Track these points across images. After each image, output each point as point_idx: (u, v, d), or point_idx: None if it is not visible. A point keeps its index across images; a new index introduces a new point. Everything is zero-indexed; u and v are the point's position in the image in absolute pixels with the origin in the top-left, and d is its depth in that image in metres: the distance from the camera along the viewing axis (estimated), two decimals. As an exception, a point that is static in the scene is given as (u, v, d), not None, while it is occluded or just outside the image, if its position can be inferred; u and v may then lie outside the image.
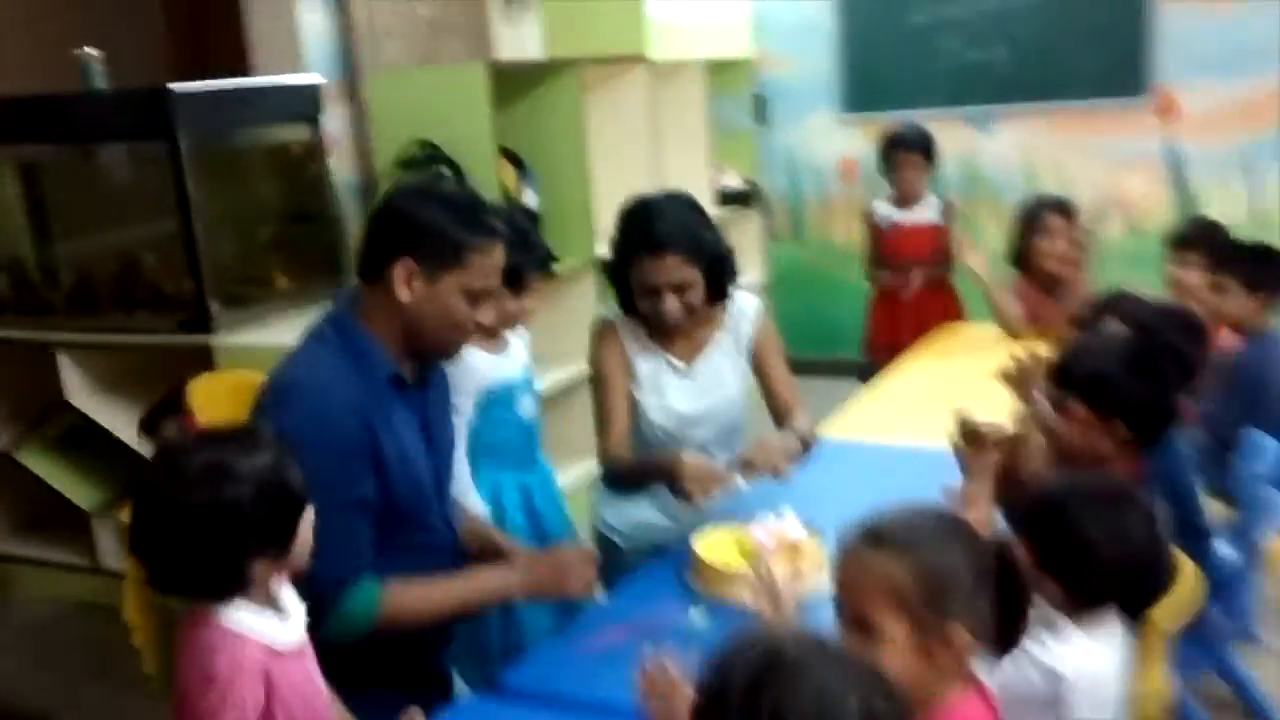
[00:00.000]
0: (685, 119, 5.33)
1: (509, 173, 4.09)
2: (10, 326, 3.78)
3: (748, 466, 2.25)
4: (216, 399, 3.42)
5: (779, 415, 2.53)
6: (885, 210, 4.22)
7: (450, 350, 1.96)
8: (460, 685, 2.31)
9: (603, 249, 4.37)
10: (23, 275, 3.85)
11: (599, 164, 4.46)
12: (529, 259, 2.36)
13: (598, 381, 2.46)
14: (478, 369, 2.39)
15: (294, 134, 3.77)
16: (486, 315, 1.97)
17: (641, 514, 2.49)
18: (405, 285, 1.81)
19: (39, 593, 4.00)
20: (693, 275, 2.33)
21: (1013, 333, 3.65)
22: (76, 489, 3.83)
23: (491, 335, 2.43)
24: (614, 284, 2.44)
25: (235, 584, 1.44)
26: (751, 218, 5.94)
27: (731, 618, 1.95)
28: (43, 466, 3.85)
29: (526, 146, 4.24)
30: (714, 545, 2.14)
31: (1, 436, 3.90)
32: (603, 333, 2.48)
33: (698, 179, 5.30)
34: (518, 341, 2.55)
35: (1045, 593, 1.63)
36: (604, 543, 2.52)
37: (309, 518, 1.52)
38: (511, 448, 2.48)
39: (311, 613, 1.63)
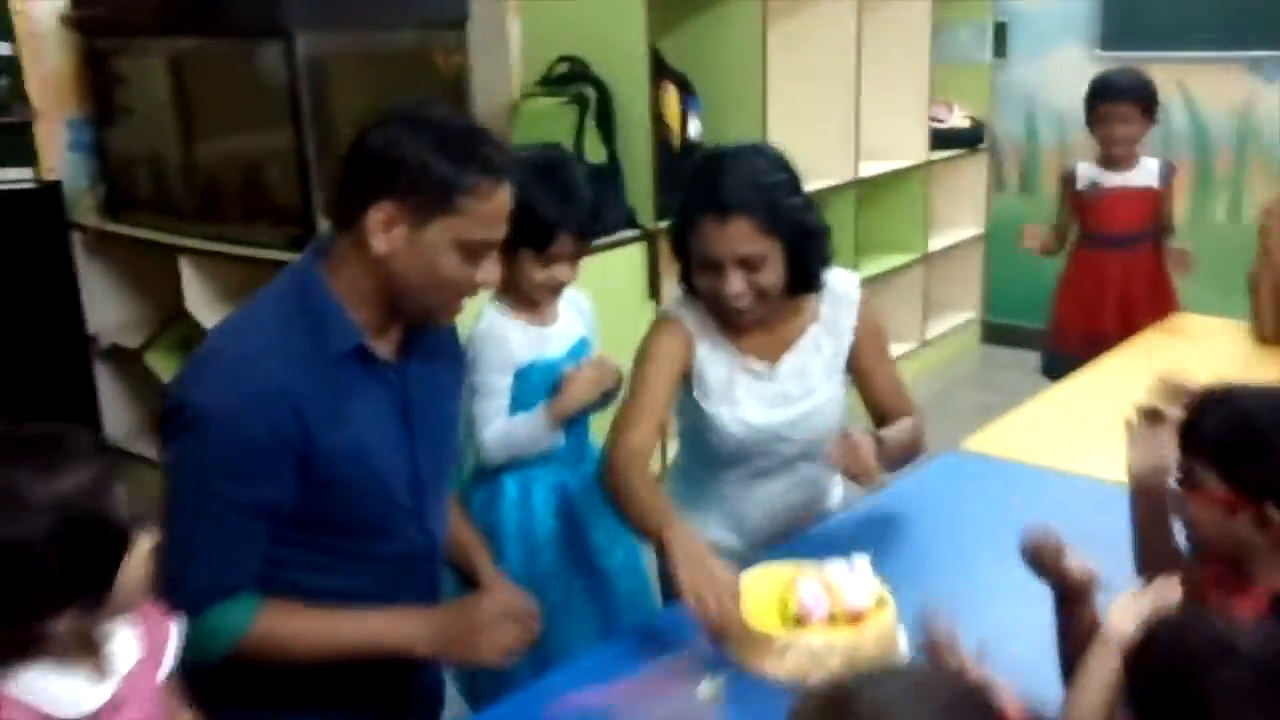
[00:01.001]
0: (900, 48, 4.70)
1: (670, 98, 3.63)
2: (145, 226, 3.68)
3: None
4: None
5: (879, 424, 2.03)
6: (1089, 172, 3.46)
7: (441, 314, 1.57)
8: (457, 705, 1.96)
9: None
10: (161, 174, 3.73)
11: (784, 95, 3.94)
12: (565, 219, 1.94)
13: (634, 375, 1.98)
14: (509, 341, 2.01)
15: (433, 40, 3.42)
16: (487, 273, 1.53)
17: (709, 530, 2.03)
18: (383, 233, 1.44)
19: (155, 492, 3.93)
20: (765, 248, 1.83)
21: (1265, 337, 2.94)
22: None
23: (530, 305, 2.04)
24: (678, 257, 1.97)
25: (19, 650, 1.10)
26: (975, 163, 5.24)
27: (755, 698, 1.50)
28: (166, 370, 3.76)
29: (698, 71, 3.77)
30: (755, 592, 1.67)
31: (133, 336, 3.84)
32: (659, 324, 2.01)
33: (910, 117, 4.69)
34: (571, 313, 2.13)
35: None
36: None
37: (141, 549, 1.16)
38: (551, 448, 2.06)
39: None
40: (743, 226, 1.81)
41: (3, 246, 3.57)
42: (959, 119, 5.07)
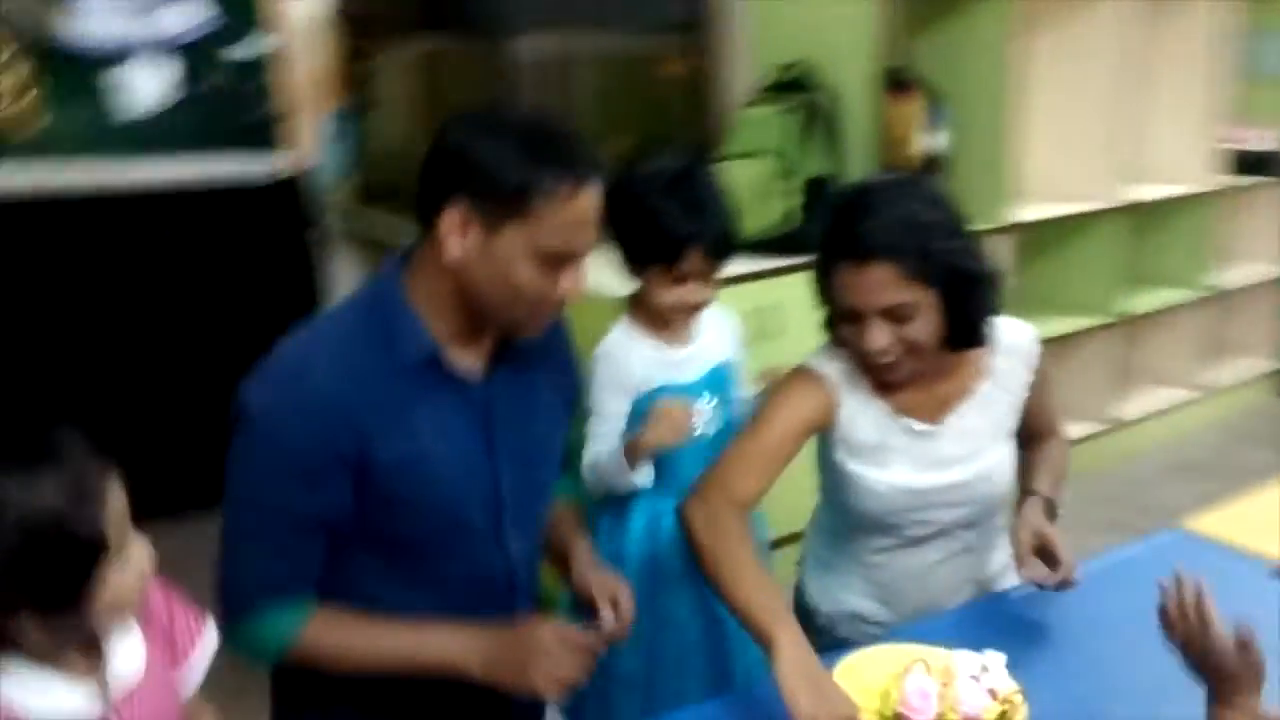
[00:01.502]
0: (1190, 59, 4.19)
1: (911, 107, 3.38)
2: (393, 214, 3.80)
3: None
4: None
5: (1027, 439, 1.83)
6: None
7: (524, 326, 1.44)
8: None
9: (1023, 212, 3.61)
10: (408, 166, 3.82)
11: (1046, 108, 3.60)
12: (695, 234, 1.79)
13: (759, 415, 1.73)
14: (631, 363, 1.89)
15: (667, 43, 3.33)
16: (571, 284, 1.39)
17: (849, 598, 1.84)
18: (456, 236, 1.35)
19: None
20: (913, 298, 1.58)
21: None
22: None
23: (661, 324, 1.91)
24: (822, 302, 1.71)
25: None
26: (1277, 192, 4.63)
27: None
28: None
29: (950, 80, 3.49)
30: (861, 676, 1.47)
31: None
32: (796, 376, 1.75)
33: (1194, 137, 4.18)
34: (714, 335, 1.98)
35: None
36: (805, 615, 1.90)
37: (136, 559, 1.12)
38: (678, 470, 1.92)
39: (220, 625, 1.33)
40: (885, 273, 1.56)
41: (260, 231, 3.79)
42: (1267, 141, 4.48)
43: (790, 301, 2.96)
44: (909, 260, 1.56)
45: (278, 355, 1.40)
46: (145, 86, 3.60)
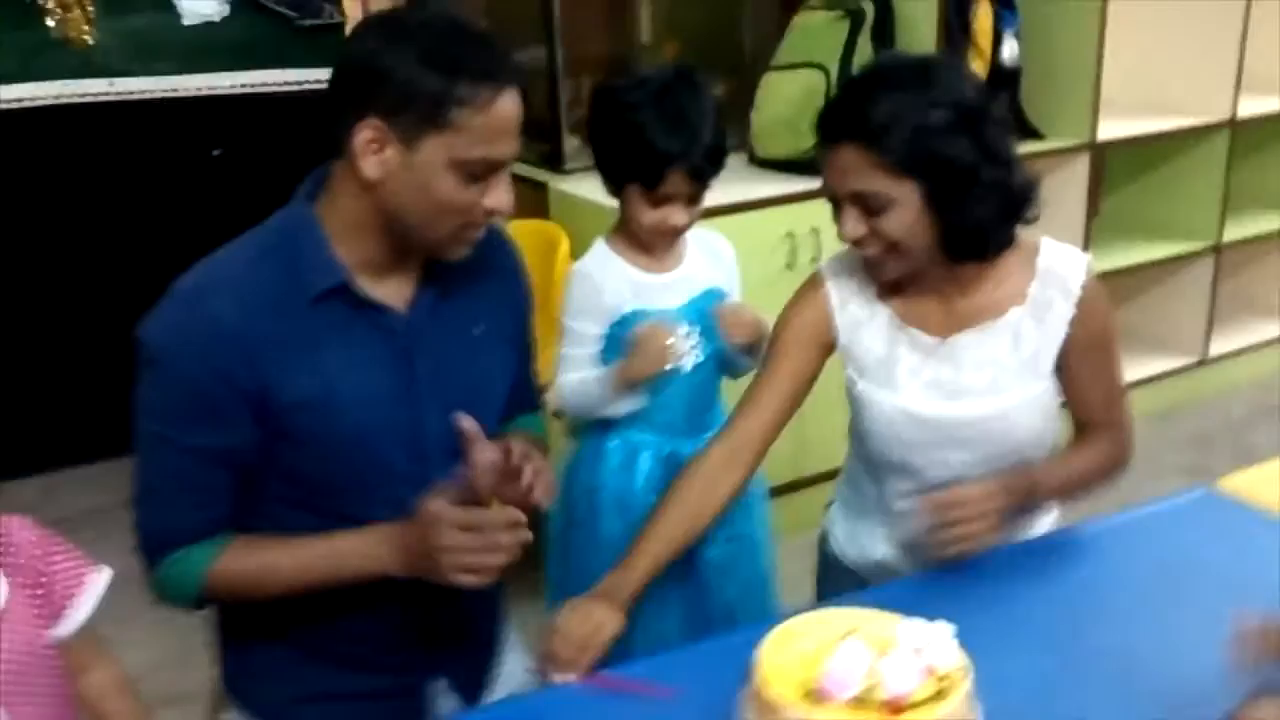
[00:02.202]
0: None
1: (982, 13, 3.13)
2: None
3: None
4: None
5: (1076, 426, 1.67)
6: None
7: (449, 246, 1.36)
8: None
9: (1107, 130, 3.34)
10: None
11: (1135, 13, 3.29)
12: (676, 154, 1.69)
13: (769, 345, 1.68)
14: (605, 285, 1.81)
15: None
16: (497, 198, 1.32)
17: (875, 546, 1.74)
18: (373, 155, 1.27)
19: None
20: (884, 188, 1.46)
21: None
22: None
23: (643, 246, 1.81)
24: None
25: None
26: None
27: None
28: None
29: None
30: (796, 645, 1.37)
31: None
32: (803, 287, 1.69)
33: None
34: (702, 259, 1.87)
35: None
36: (829, 562, 1.82)
37: None
38: (657, 404, 1.83)
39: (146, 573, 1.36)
40: (850, 157, 1.47)
41: (312, 148, 3.77)
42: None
43: (828, 227, 2.78)
44: (877, 146, 1.45)
45: (176, 286, 1.34)
46: (203, -3, 3.58)
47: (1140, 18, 3.50)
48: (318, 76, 3.73)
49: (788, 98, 2.91)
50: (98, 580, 1.29)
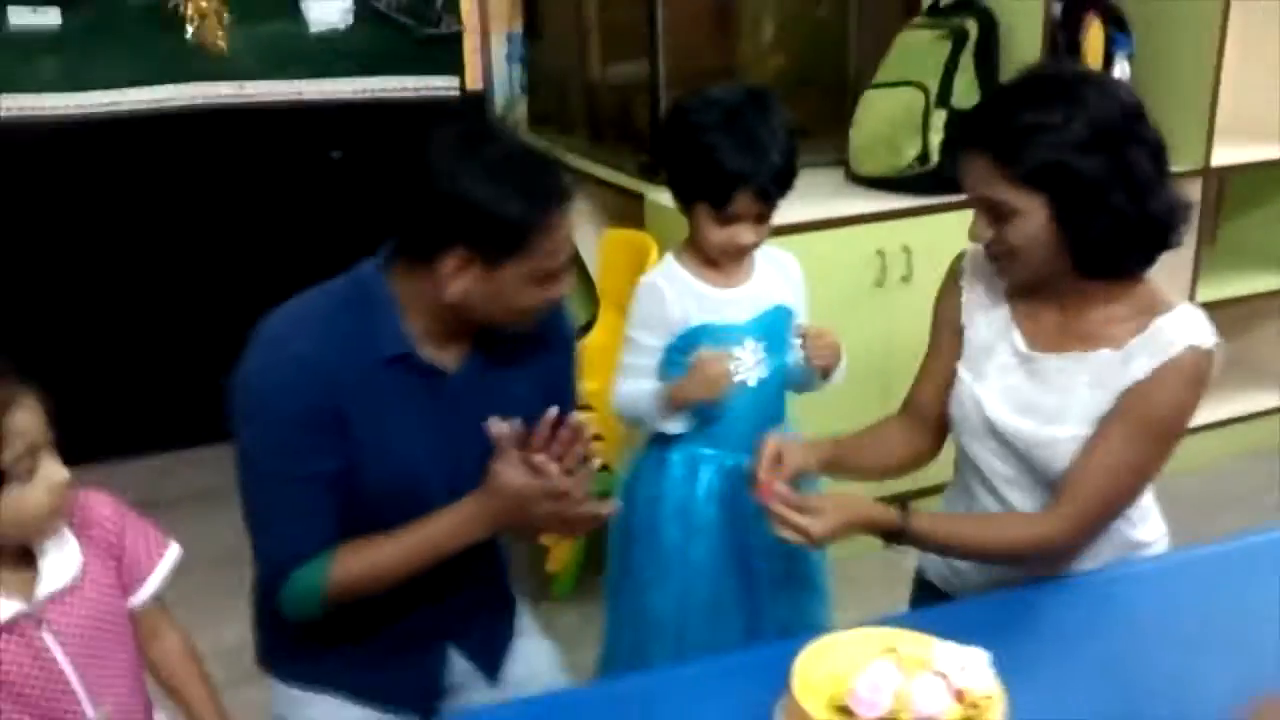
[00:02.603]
0: None
1: (1093, 35, 3.08)
2: (547, 139, 3.83)
3: None
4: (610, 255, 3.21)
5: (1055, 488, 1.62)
6: None
7: (518, 326, 1.53)
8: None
9: (1221, 156, 3.24)
10: (565, 93, 3.84)
11: (1245, 42, 3.20)
12: (745, 175, 1.72)
13: None
14: (670, 299, 1.83)
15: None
16: (560, 289, 1.50)
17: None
18: (458, 278, 1.43)
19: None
20: (1010, 198, 1.52)
21: None
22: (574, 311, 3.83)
23: (710, 262, 1.84)
24: None
25: None
26: None
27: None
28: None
29: (1141, 3, 3.17)
30: (831, 661, 1.39)
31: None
32: (948, 271, 1.79)
33: None
34: (772, 276, 1.89)
35: None
36: (919, 580, 1.86)
37: (44, 480, 1.22)
38: (721, 417, 1.86)
39: (265, 594, 1.53)
40: (980, 165, 1.54)
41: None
42: None
43: (920, 247, 2.79)
44: (1005, 158, 1.51)
45: (260, 333, 1.49)
46: (330, 5, 3.74)
47: (1261, 40, 3.39)
48: (434, 84, 3.88)
49: (886, 115, 2.90)
50: (170, 554, 1.40)
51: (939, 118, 2.83)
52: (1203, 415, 3.46)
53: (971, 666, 1.35)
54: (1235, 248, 3.78)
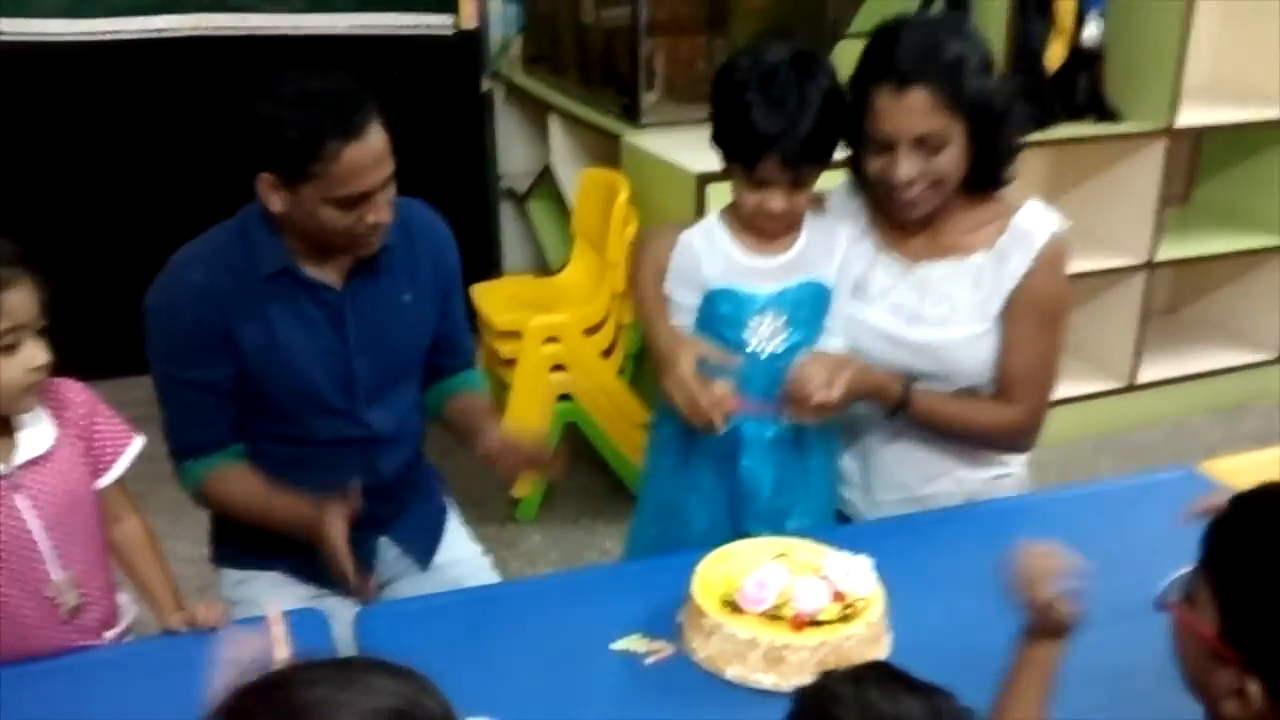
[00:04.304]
0: None
1: (1065, -5, 3.13)
2: (537, 80, 3.91)
3: None
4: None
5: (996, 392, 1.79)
6: None
7: (353, 250, 1.69)
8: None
9: (1188, 117, 3.30)
10: (556, 35, 3.91)
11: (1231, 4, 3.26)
12: (771, 140, 1.64)
13: None
14: (702, 258, 1.76)
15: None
16: (377, 214, 1.63)
17: (845, 491, 1.91)
18: (273, 196, 1.62)
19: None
20: (946, 126, 1.64)
21: None
22: (553, 243, 3.93)
23: (759, 228, 1.75)
24: (849, 141, 1.74)
25: None
26: None
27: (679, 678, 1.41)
28: (541, 219, 4.03)
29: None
30: (727, 565, 1.52)
31: (524, 183, 4.13)
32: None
33: None
34: (819, 250, 1.78)
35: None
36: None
37: (25, 357, 1.37)
38: (740, 383, 1.73)
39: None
40: (921, 98, 1.62)
41: (422, 88, 3.98)
42: None
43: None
44: (944, 87, 1.62)
45: (169, 262, 1.71)
46: (329, -63, 3.81)
47: (1242, 2, 3.44)
48: (429, 22, 3.94)
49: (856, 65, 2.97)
50: (135, 444, 1.53)
51: (816, 82, 2.89)
52: (1166, 370, 3.65)
53: (855, 572, 1.47)
54: (1208, 208, 3.85)
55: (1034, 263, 1.72)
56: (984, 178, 1.73)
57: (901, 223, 1.76)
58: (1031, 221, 1.75)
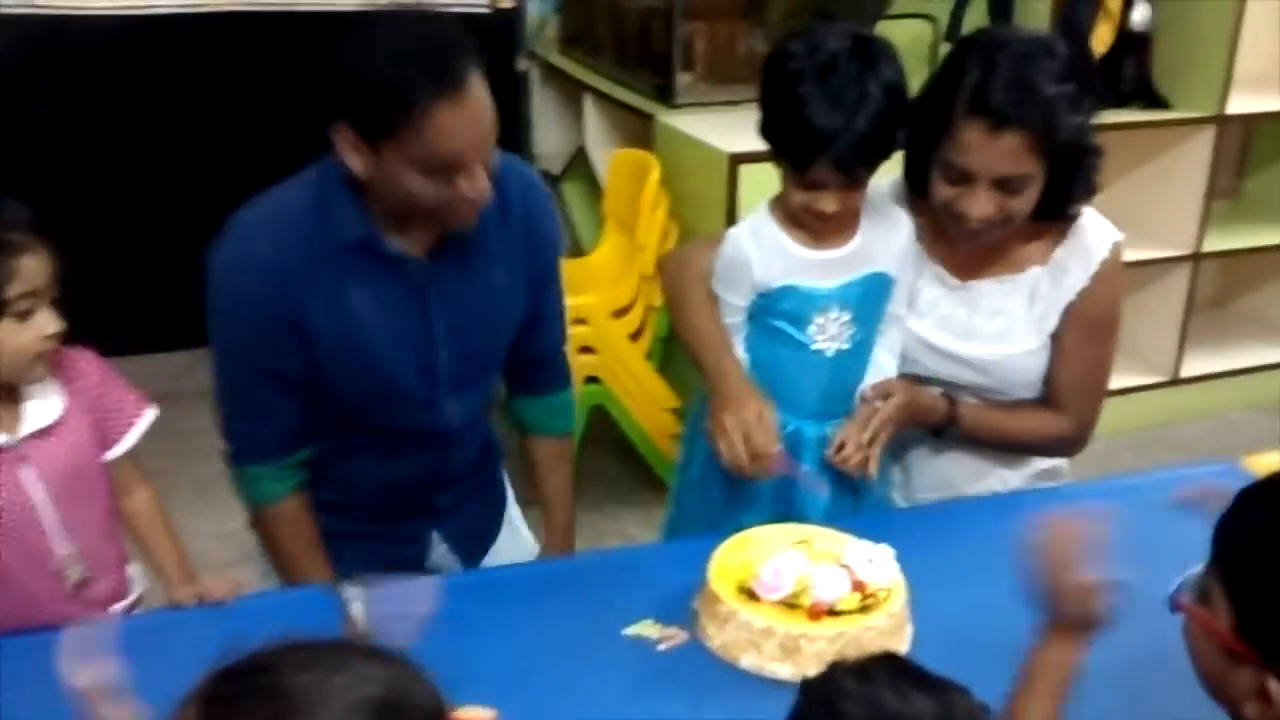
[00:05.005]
0: None
1: (1115, -25, 3.05)
2: (573, 60, 3.87)
3: None
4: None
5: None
6: None
7: (445, 225, 1.48)
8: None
9: (1239, 104, 3.20)
10: (593, 14, 3.86)
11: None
12: (824, 141, 1.50)
13: None
14: (751, 257, 1.63)
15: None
16: (474, 185, 1.40)
17: (888, 488, 1.82)
18: (352, 155, 1.40)
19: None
20: (1032, 170, 1.54)
21: None
22: (585, 225, 3.88)
23: (810, 227, 1.63)
24: (914, 147, 1.63)
25: None
26: None
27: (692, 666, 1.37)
28: (575, 201, 3.99)
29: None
30: (746, 551, 1.48)
31: (559, 164, 4.09)
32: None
33: None
34: (879, 240, 1.67)
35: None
36: None
37: (38, 326, 1.34)
38: (787, 381, 1.68)
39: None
40: (1016, 143, 1.50)
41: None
42: None
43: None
44: (1040, 130, 1.52)
45: (235, 221, 1.50)
46: (365, -87, 3.78)
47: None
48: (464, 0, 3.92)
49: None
50: (147, 415, 1.50)
51: (947, 51, 2.82)
52: (1210, 365, 3.55)
53: (877, 561, 1.43)
54: (1258, 200, 3.74)
55: (1093, 278, 1.66)
56: (1054, 210, 1.62)
57: (946, 239, 1.67)
58: (1090, 234, 1.67)
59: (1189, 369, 3.51)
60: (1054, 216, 1.65)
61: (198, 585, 1.46)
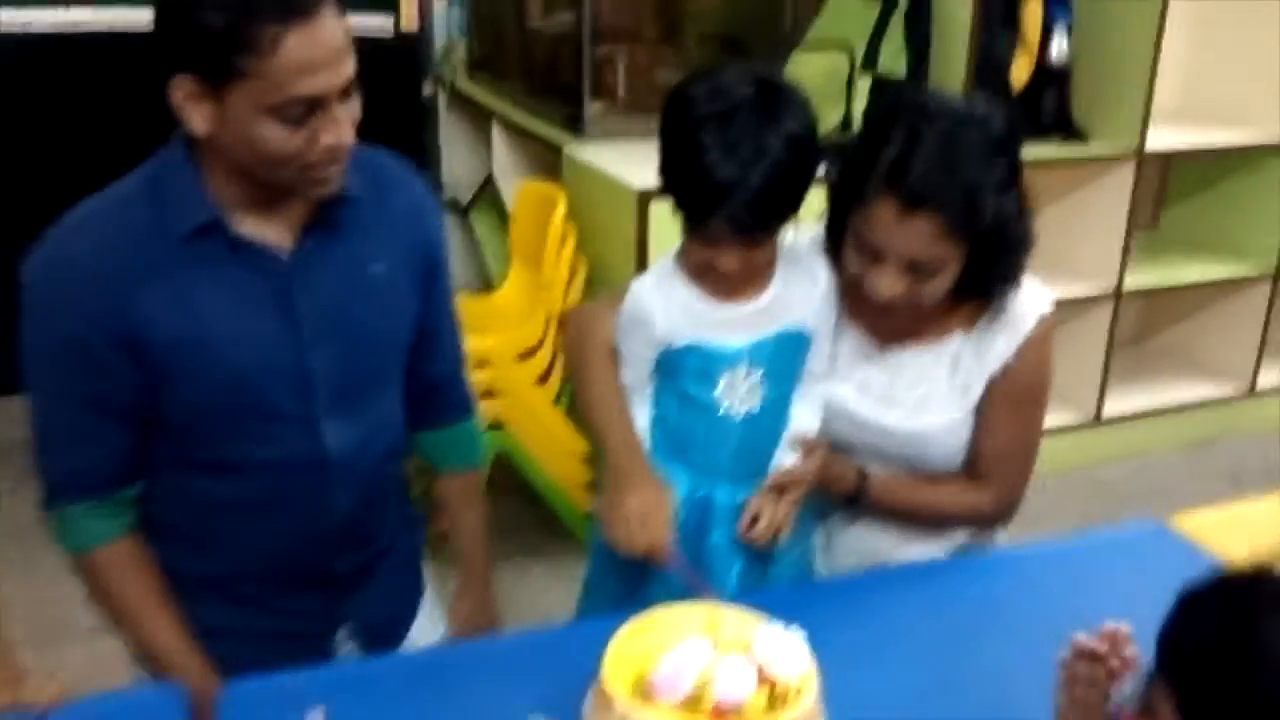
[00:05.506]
0: None
1: (1032, 6, 2.99)
2: (481, 87, 3.73)
3: None
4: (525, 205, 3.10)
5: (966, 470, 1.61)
6: None
7: (306, 188, 1.28)
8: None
9: (1158, 139, 3.16)
10: (499, 40, 3.74)
11: (1200, 15, 3.12)
12: (720, 199, 1.36)
13: None
14: (654, 311, 1.50)
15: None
16: (334, 133, 1.22)
17: (811, 556, 1.70)
18: (194, 112, 1.21)
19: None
20: (946, 253, 1.41)
21: None
22: (495, 259, 3.73)
23: (711, 284, 1.49)
24: (834, 205, 1.50)
25: None
26: None
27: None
28: (484, 231, 3.83)
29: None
30: (645, 638, 1.32)
31: (467, 193, 3.94)
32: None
33: None
34: (794, 289, 1.53)
35: None
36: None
37: None
38: (697, 442, 1.56)
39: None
40: (928, 227, 1.37)
41: (374, 87, 3.76)
42: None
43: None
44: (957, 215, 1.37)
45: (57, 222, 1.29)
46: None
47: (1213, 25, 3.32)
48: (367, 24, 3.71)
49: (809, 78, 2.82)
50: None
51: (864, 83, 2.74)
52: (1132, 403, 3.50)
53: (786, 651, 1.29)
54: (1176, 235, 3.72)
55: (1019, 350, 1.54)
56: (972, 289, 1.50)
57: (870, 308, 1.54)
58: (1019, 302, 1.53)
59: (1111, 409, 3.45)
60: (972, 295, 1.52)
61: (17, 689, 1.27)
